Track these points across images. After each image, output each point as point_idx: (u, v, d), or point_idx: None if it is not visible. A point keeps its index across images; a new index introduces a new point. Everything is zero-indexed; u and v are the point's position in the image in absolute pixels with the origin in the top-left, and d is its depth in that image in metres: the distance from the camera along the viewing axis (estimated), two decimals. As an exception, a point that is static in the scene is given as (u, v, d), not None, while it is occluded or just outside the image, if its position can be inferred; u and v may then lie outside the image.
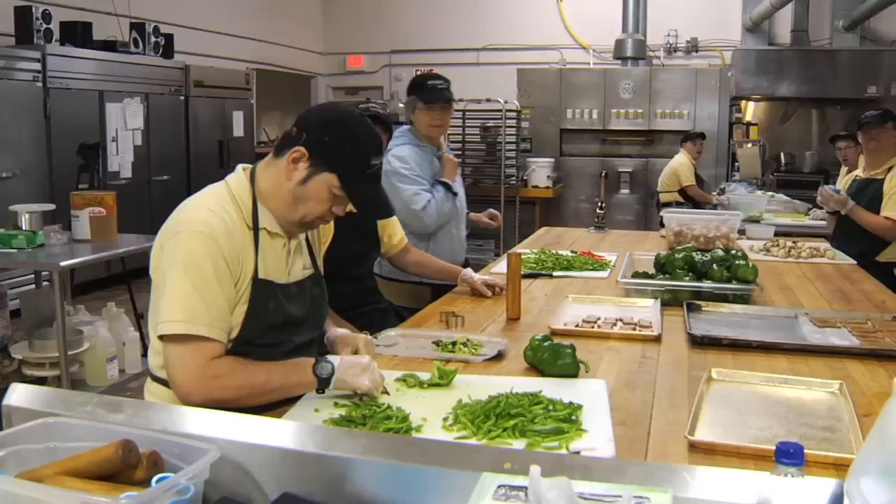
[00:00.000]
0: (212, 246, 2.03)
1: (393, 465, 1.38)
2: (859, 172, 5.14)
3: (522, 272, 3.74)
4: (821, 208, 5.74)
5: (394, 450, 1.46)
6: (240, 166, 2.26)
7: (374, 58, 13.59)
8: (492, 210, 4.52)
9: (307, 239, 2.39)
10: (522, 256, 4.09)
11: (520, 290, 3.04)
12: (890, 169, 4.84)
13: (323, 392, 2.05)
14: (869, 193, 4.85)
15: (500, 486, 1.25)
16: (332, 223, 2.96)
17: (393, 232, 3.48)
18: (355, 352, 2.29)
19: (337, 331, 2.45)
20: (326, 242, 3.01)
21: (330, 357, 2.08)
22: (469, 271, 3.50)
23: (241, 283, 2.10)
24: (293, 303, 2.23)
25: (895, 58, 11.13)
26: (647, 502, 1.20)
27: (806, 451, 1.74)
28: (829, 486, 1.18)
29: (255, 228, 2.16)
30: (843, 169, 6.18)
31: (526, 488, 1.20)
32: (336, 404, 2.02)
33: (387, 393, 2.12)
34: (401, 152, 3.94)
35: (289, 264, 2.25)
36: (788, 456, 1.13)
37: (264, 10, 12.01)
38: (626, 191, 11.04)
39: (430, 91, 3.97)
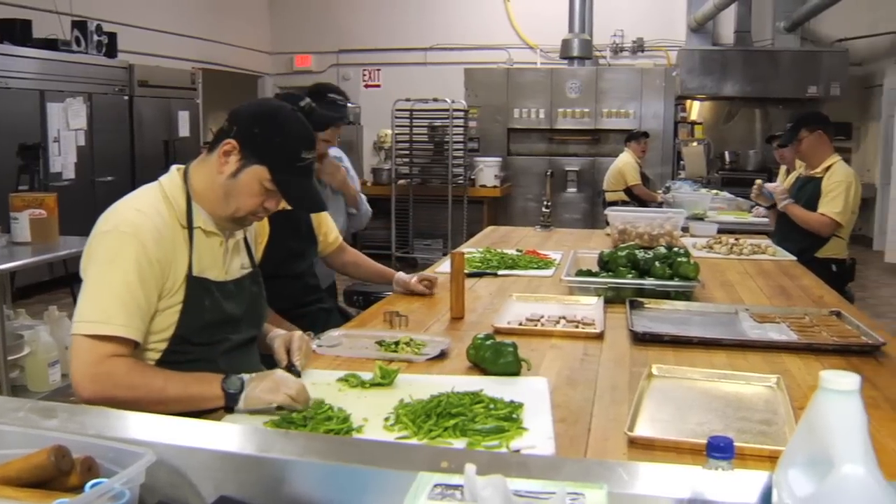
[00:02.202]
0: (136, 246, 2.01)
1: (331, 466, 1.38)
2: (801, 171, 5.24)
3: (467, 271, 3.76)
4: (762, 205, 5.83)
5: (331, 451, 1.46)
6: (174, 167, 2.24)
7: (321, 57, 13.53)
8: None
9: (245, 238, 2.37)
10: (468, 256, 4.12)
11: (463, 290, 3.05)
12: (828, 168, 4.95)
13: (232, 410, 1.97)
14: (808, 191, 4.95)
15: (436, 486, 1.25)
16: (266, 222, 2.96)
17: (328, 230, 3.46)
18: (288, 347, 2.27)
19: (276, 331, 2.44)
20: (263, 241, 2.99)
21: (244, 375, 2.02)
22: (402, 274, 3.46)
23: (173, 283, 2.08)
24: (231, 301, 2.22)
25: (834, 58, 11.35)
26: (582, 499, 1.21)
27: (743, 444, 1.79)
28: (759, 479, 1.19)
29: (190, 227, 2.14)
30: (783, 168, 6.29)
31: (462, 487, 1.20)
32: (279, 406, 2.01)
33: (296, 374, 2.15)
34: None
35: (226, 262, 2.24)
36: (719, 450, 1.14)
37: (210, 9, 11.89)
38: (574, 189, 11.13)
39: (330, 107, 3.71)
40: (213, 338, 2.18)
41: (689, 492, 1.19)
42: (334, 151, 4.31)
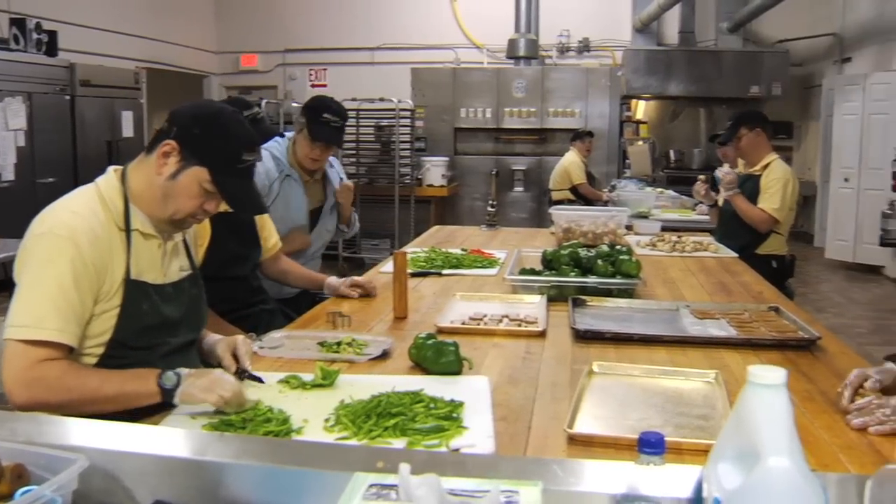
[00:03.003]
0: (71, 249, 1.98)
1: (266, 469, 1.37)
2: (741, 169, 5.33)
3: (412, 271, 3.76)
4: (705, 203, 5.91)
5: (267, 453, 1.45)
6: (111, 168, 2.21)
7: (267, 57, 13.42)
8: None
9: (185, 240, 2.34)
10: (413, 255, 4.12)
11: (406, 289, 3.04)
12: (767, 166, 5.03)
13: (171, 406, 1.96)
14: (748, 189, 5.03)
15: (371, 486, 1.25)
16: (207, 223, 2.93)
17: (269, 234, 3.43)
18: (233, 351, 2.25)
19: (213, 336, 2.40)
20: (204, 244, 2.97)
21: (181, 369, 2.00)
22: (332, 279, 3.43)
23: (110, 286, 2.05)
24: (169, 304, 2.19)
25: (775, 59, 11.54)
26: (516, 496, 1.22)
27: (681, 439, 1.81)
28: (690, 473, 1.21)
29: (128, 230, 2.11)
30: (726, 166, 6.38)
31: (397, 487, 1.21)
32: (217, 409, 1.98)
33: (259, 381, 2.15)
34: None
35: (165, 265, 2.21)
36: (650, 446, 1.15)
37: (154, 7, 11.72)
38: (521, 188, 11.17)
39: (321, 128, 3.72)
40: (152, 342, 2.15)
41: (624, 487, 1.20)
42: (337, 166, 4.30)
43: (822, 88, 12.12)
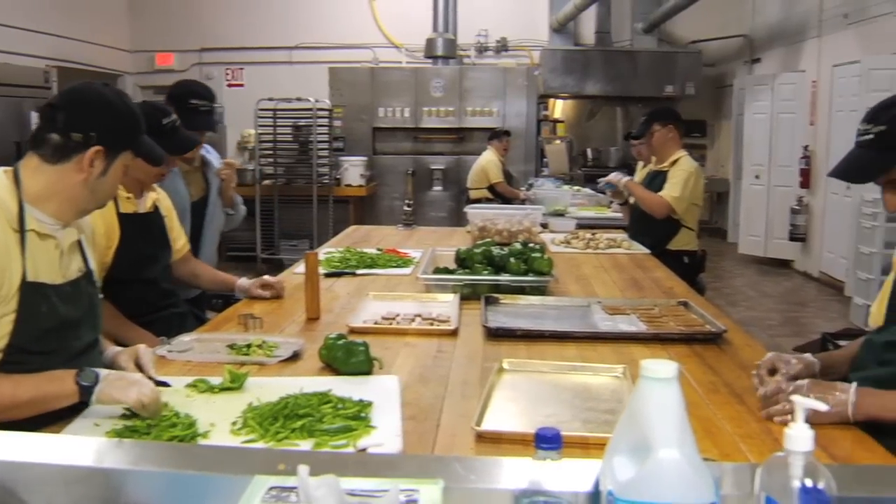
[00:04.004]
0: None
1: (166, 474, 1.35)
2: (652, 165, 5.42)
3: (327, 271, 3.75)
4: (617, 201, 6.01)
5: (167, 458, 1.43)
6: (0, 169, 2.14)
7: (183, 56, 13.19)
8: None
9: (80, 240, 2.28)
10: (328, 256, 4.10)
11: (318, 290, 3.02)
12: (675, 161, 5.13)
13: (87, 404, 1.93)
14: (657, 184, 5.12)
15: (271, 488, 1.24)
16: (116, 225, 2.88)
17: (178, 235, 3.38)
18: (136, 361, 2.20)
19: (113, 348, 2.35)
20: (113, 245, 2.91)
21: (99, 369, 1.97)
22: (243, 280, 3.40)
23: (8, 290, 1.98)
24: (68, 304, 2.13)
25: (689, 59, 11.77)
26: (417, 494, 1.22)
27: (588, 434, 1.84)
28: (586, 466, 1.22)
29: (22, 231, 2.05)
30: (640, 164, 6.48)
31: (297, 489, 1.20)
32: (122, 415, 1.94)
33: (166, 384, 2.12)
34: None
35: (62, 265, 2.16)
36: (546, 441, 1.16)
37: (64, 4, 11.41)
38: (439, 188, 11.19)
39: (190, 115, 3.54)
40: (52, 345, 2.09)
41: (525, 483, 1.20)
42: (213, 153, 4.24)
43: (734, 88, 12.41)
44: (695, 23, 12.23)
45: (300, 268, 3.95)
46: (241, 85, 12.93)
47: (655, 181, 5.15)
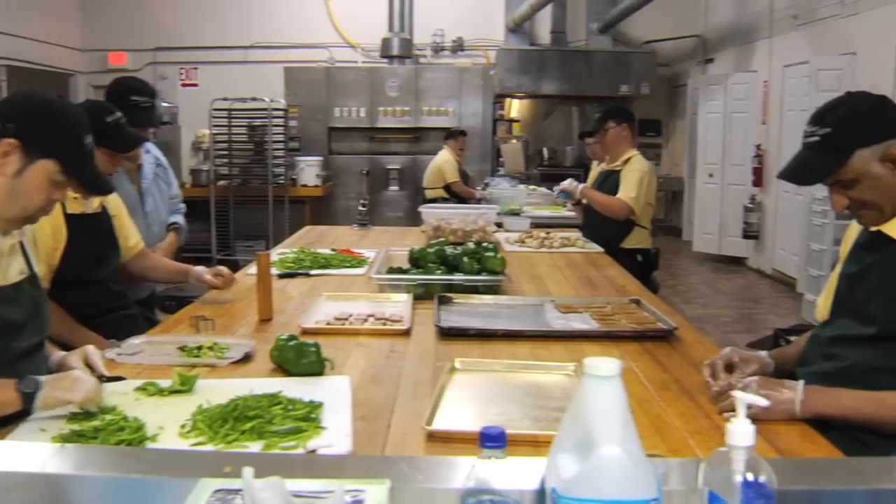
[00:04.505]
0: None
1: (110, 479, 1.33)
2: (604, 165, 5.46)
3: (280, 272, 3.73)
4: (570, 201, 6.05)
5: (111, 463, 1.41)
6: None
7: (137, 55, 13.02)
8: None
9: (21, 242, 2.25)
10: (282, 256, 4.08)
11: (270, 291, 3.00)
12: (627, 160, 5.18)
13: (30, 412, 1.89)
14: (610, 184, 5.16)
15: (216, 491, 1.23)
16: (63, 227, 2.84)
17: (129, 234, 3.34)
18: (85, 361, 2.18)
19: (58, 353, 2.31)
20: (60, 247, 2.87)
21: (39, 376, 1.94)
22: (197, 268, 3.35)
23: None
24: (11, 306, 2.10)
25: (643, 59, 11.88)
26: (363, 494, 1.21)
27: (538, 431, 1.84)
28: (531, 464, 1.23)
29: None
30: (594, 163, 6.54)
31: (242, 491, 1.19)
32: (69, 419, 1.91)
33: (121, 378, 2.10)
34: None
35: (3, 267, 2.12)
36: (491, 440, 1.16)
37: (14, 2, 11.24)
38: (396, 187, 11.17)
39: (132, 112, 3.39)
40: None
41: (471, 481, 1.21)
42: (154, 151, 4.18)
43: (688, 88, 12.53)
44: (649, 23, 12.34)
45: (253, 269, 3.93)
46: (195, 85, 12.82)
47: (609, 181, 5.19)
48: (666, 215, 13.46)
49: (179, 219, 4.30)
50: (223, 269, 3.33)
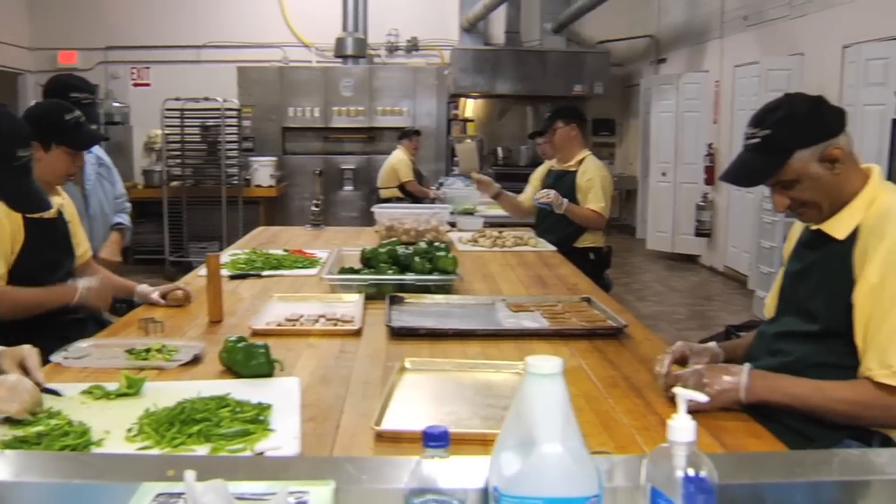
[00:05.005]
0: None
1: (51, 485, 1.31)
2: (553, 164, 5.48)
3: (231, 273, 3.70)
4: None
5: (52, 468, 1.39)
6: None
7: (87, 54, 12.84)
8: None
9: None
10: (234, 257, 4.05)
11: (220, 292, 2.98)
12: (581, 161, 5.20)
13: None
14: (566, 184, 5.18)
15: (159, 495, 1.22)
16: (21, 228, 2.81)
17: (79, 241, 3.30)
18: (21, 363, 2.14)
19: None
20: (16, 249, 2.84)
21: None
22: (142, 287, 3.31)
23: None
24: None
25: (597, 59, 11.96)
26: (307, 496, 1.21)
27: (486, 430, 1.85)
28: (477, 463, 1.24)
29: None
30: (546, 163, 6.58)
31: (184, 494, 1.18)
32: (10, 425, 1.88)
33: (57, 394, 2.04)
34: None
35: None
36: (434, 439, 1.16)
37: (-42, -1, 11.05)
38: (350, 187, 11.14)
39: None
40: None
41: (414, 481, 1.21)
42: (96, 150, 4.13)
43: (641, 87, 12.65)
44: (603, 23, 12.43)
45: (204, 270, 3.90)
46: (147, 84, 12.67)
47: (563, 181, 5.21)
48: (620, 214, 13.57)
49: (124, 218, 4.25)
50: (178, 291, 3.22)
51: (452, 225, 5.39)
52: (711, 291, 9.67)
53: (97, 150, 4.12)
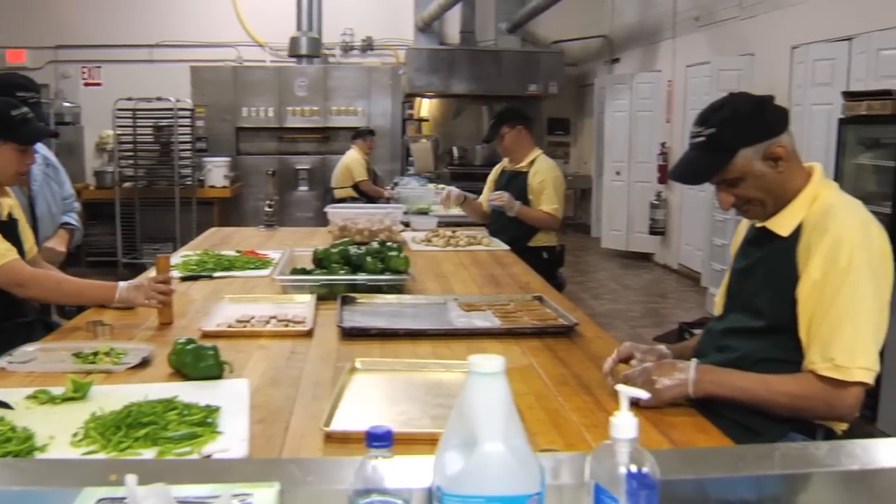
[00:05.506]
0: None
1: (-12, 492, 1.29)
2: (506, 164, 5.50)
3: (183, 275, 3.67)
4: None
5: (-10, 474, 1.37)
6: None
7: (37, 53, 12.63)
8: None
9: None
10: (185, 259, 4.01)
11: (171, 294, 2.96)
12: (532, 162, 5.23)
13: None
14: (518, 185, 5.20)
15: (100, 500, 1.20)
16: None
17: (24, 239, 3.25)
18: None
19: None
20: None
21: None
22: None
23: None
24: None
25: (552, 59, 12.02)
26: (251, 499, 1.20)
27: (436, 430, 1.84)
28: (420, 462, 1.24)
29: None
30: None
31: (126, 499, 1.17)
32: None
33: (7, 406, 1.99)
34: None
35: None
36: (377, 439, 1.16)
37: None
38: (305, 188, 11.09)
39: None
40: None
41: (359, 482, 1.21)
42: (43, 150, 4.07)
43: (595, 87, 12.72)
44: (557, 23, 12.49)
45: (154, 272, 3.86)
46: (98, 84, 12.50)
47: (515, 182, 5.24)
48: (575, 213, 13.64)
49: (73, 218, 4.19)
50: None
51: (406, 225, 5.39)
52: (665, 289, 9.76)
53: (44, 150, 4.06)
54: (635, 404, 1.87)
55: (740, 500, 1.32)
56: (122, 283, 2.88)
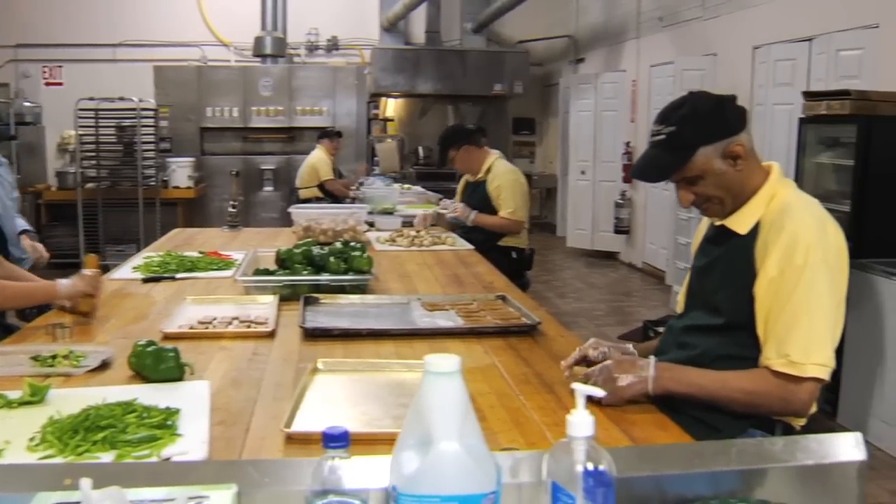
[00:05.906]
0: None
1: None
2: (469, 177, 5.55)
3: (144, 276, 3.65)
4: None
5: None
6: None
7: (-4, 52, 12.51)
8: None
9: None
10: (147, 260, 3.98)
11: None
12: (489, 170, 5.28)
13: None
14: (480, 194, 5.26)
15: (54, 505, 1.20)
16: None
17: None
18: None
19: None
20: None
21: None
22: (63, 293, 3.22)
23: None
24: None
25: (517, 59, 12.07)
26: (207, 501, 1.20)
27: (397, 430, 1.84)
28: (377, 463, 1.24)
29: None
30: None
31: (80, 503, 1.16)
32: None
33: None
34: None
35: None
36: (333, 440, 1.16)
37: None
38: (270, 188, 11.04)
39: None
40: None
41: (316, 483, 1.20)
42: None
43: (560, 87, 12.78)
44: (522, 23, 12.54)
45: (116, 273, 3.83)
46: (59, 84, 12.37)
47: (477, 192, 5.29)
48: (541, 212, 13.70)
49: (25, 223, 4.15)
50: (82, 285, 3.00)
51: (371, 225, 5.39)
52: (630, 287, 9.82)
53: None
54: (597, 402, 1.91)
55: (697, 496, 1.33)
56: (61, 280, 2.88)
